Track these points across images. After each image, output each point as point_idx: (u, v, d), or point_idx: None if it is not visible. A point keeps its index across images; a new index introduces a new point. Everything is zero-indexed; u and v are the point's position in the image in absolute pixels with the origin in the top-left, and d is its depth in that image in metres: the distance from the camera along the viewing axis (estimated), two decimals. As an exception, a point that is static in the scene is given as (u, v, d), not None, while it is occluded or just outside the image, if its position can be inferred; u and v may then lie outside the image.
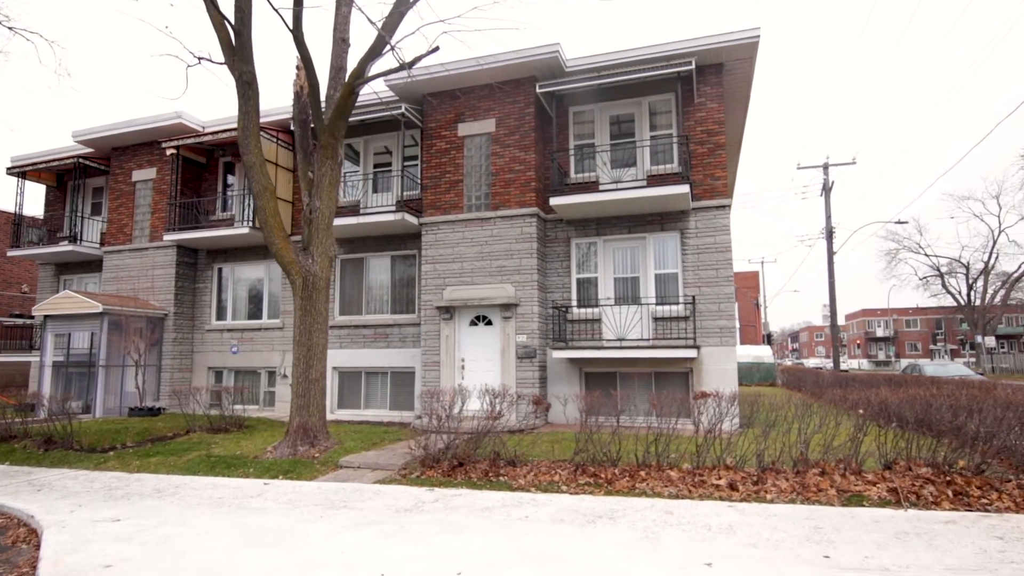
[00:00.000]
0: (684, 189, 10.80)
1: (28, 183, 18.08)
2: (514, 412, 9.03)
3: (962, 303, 44.05)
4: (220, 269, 15.80)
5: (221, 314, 15.68)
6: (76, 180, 16.88)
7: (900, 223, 28.93)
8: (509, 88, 12.38)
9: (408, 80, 11.79)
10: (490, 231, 12.23)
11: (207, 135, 14.47)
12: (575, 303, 12.34)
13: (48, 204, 18.45)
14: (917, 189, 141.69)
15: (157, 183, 15.69)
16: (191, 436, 10.31)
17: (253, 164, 9.10)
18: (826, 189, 25.45)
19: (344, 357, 13.80)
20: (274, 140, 14.22)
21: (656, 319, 11.51)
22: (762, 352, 29.39)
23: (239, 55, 8.79)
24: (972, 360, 46.89)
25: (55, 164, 16.72)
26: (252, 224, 14.15)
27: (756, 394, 7.69)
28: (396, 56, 8.77)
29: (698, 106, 11.87)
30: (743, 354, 26.57)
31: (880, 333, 75.12)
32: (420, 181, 13.46)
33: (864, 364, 70.72)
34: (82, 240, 16.69)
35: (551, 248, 12.59)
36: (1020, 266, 41.34)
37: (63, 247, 16.20)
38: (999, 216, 40.43)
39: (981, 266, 42.17)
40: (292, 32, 8.79)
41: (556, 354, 11.49)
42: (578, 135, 12.93)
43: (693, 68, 11.13)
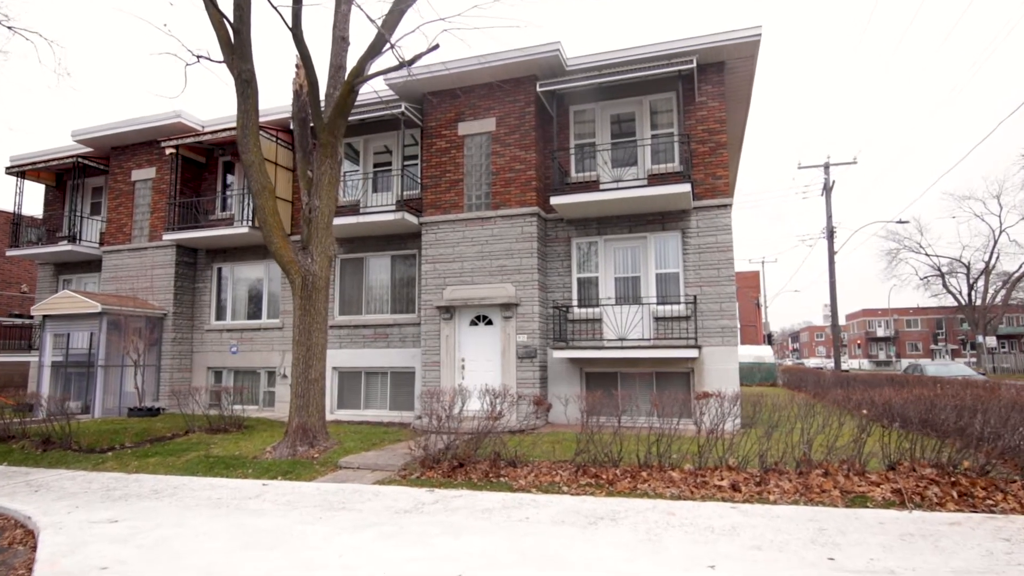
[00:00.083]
0: (685, 188, 10.75)
1: (27, 183, 18.04)
2: (514, 412, 8.98)
3: (963, 303, 43.98)
4: (219, 269, 15.75)
5: (220, 314, 15.64)
6: (75, 180, 16.84)
7: (901, 223, 28.86)
8: (509, 87, 12.33)
9: (408, 79, 11.74)
10: (490, 230, 12.18)
11: (206, 134, 14.43)
12: (576, 303, 12.29)
13: (47, 204, 18.41)
14: (918, 189, 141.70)
15: (156, 183, 15.64)
16: (190, 436, 10.26)
17: (252, 163, 9.06)
18: (827, 189, 25.38)
19: (344, 357, 13.76)
20: (274, 139, 14.18)
21: (657, 319, 11.46)
22: (763, 352, 29.36)
23: (238, 53, 8.75)
24: (973, 360, 46.85)
25: (54, 164, 16.68)
26: (251, 224, 14.10)
27: (759, 394, 7.63)
28: (396, 54, 8.73)
29: (699, 105, 11.82)
30: (744, 354, 26.50)
31: (881, 333, 75.06)
32: (420, 180, 13.41)
33: (865, 364, 70.66)
34: (81, 240, 16.65)
35: (552, 247, 12.54)
36: (1021, 266, 41.30)
37: (62, 247, 16.16)
38: (1000, 216, 40.39)
39: (982, 266, 42.13)
40: (291, 30, 8.75)
41: (557, 354, 11.44)
42: (579, 134, 12.88)
43: (694, 67, 11.08)
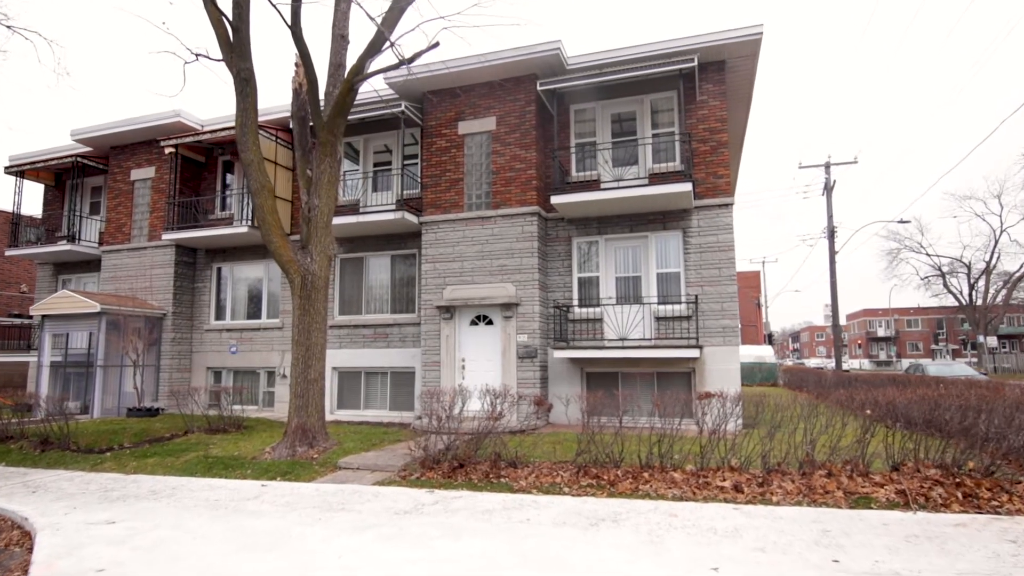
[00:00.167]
0: (686, 187, 10.70)
1: (27, 182, 17.99)
2: (515, 413, 8.93)
3: (964, 303, 43.90)
4: (219, 268, 15.70)
5: (220, 314, 15.59)
6: (74, 179, 16.79)
7: (902, 222, 28.76)
8: (510, 86, 12.28)
9: (408, 78, 11.69)
10: (491, 230, 12.13)
11: (206, 134, 14.39)
12: (576, 302, 12.24)
13: (46, 203, 18.36)
14: (919, 189, 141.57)
15: (156, 182, 15.59)
16: (189, 437, 10.21)
17: (251, 162, 9.01)
18: (828, 188, 25.31)
19: (343, 357, 13.71)
20: (273, 138, 14.13)
21: (658, 319, 11.41)
22: (764, 352, 29.32)
23: (237, 52, 8.70)
24: (974, 360, 46.76)
25: (53, 163, 16.64)
26: (251, 223, 14.05)
27: (761, 394, 7.58)
28: (396, 53, 8.69)
29: (700, 104, 11.77)
30: (745, 354, 26.46)
31: (881, 333, 74.99)
32: (420, 180, 13.36)
33: (865, 364, 70.63)
34: (80, 239, 16.60)
35: (552, 247, 12.49)
36: (1022, 266, 41.20)
37: (61, 246, 16.12)
38: (1001, 216, 40.30)
39: (983, 266, 42.04)
40: (291, 28, 8.70)
41: (557, 354, 11.39)
42: (579, 133, 12.83)
43: (695, 66, 11.03)
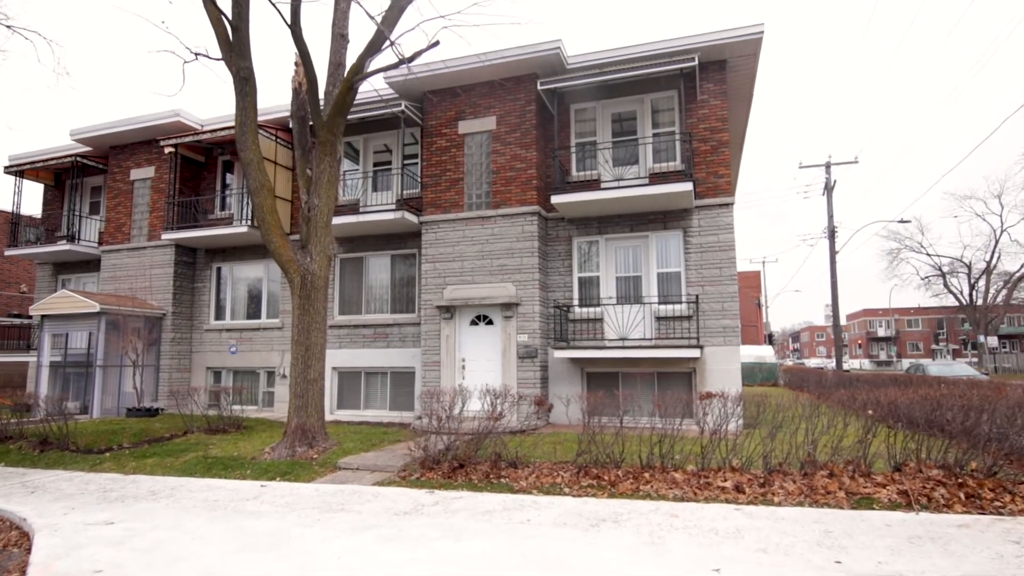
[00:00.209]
0: (687, 187, 10.67)
1: (26, 182, 17.98)
2: (515, 413, 8.90)
3: (964, 303, 43.86)
4: (219, 268, 15.68)
5: (220, 314, 15.57)
6: (74, 179, 16.78)
7: (903, 222, 28.73)
8: (510, 85, 12.25)
9: (408, 77, 11.68)
10: (491, 230, 12.11)
11: (205, 133, 14.36)
12: (577, 302, 12.21)
13: (46, 203, 18.34)
14: (919, 188, 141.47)
15: (155, 182, 15.57)
16: (188, 437, 10.19)
17: (251, 161, 8.99)
18: (828, 188, 25.29)
19: (343, 357, 13.68)
20: (273, 138, 14.11)
21: (659, 318, 11.38)
22: (764, 352, 29.29)
23: (236, 51, 8.68)
24: (974, 360, 46.73)
25: (53, 163, 16.61)
26: (251, 223, 14.03)
27: (762, 394, 7.56)
28: (396, 52, 8.65)
29: (701, 103, 11.74)
30: (745, 354, 26.42)
31: (881, 333, 74.96)
32: (420, 179, 13.34)
33: (865, 364, 70.59)
34: (80, 239, 16.58)
35: (552, 247, 12.46)
36: (1022, 266, 41.17)
37: (61, 246, 16.09)
38: (1001, 216, 40.27)
39: (983, 266, 42.01)
40: (290, 27, 8.67)
41: (558, 354, 11.36)
42: (580, 133, 12.81)
43: (696, 65, 11.00)
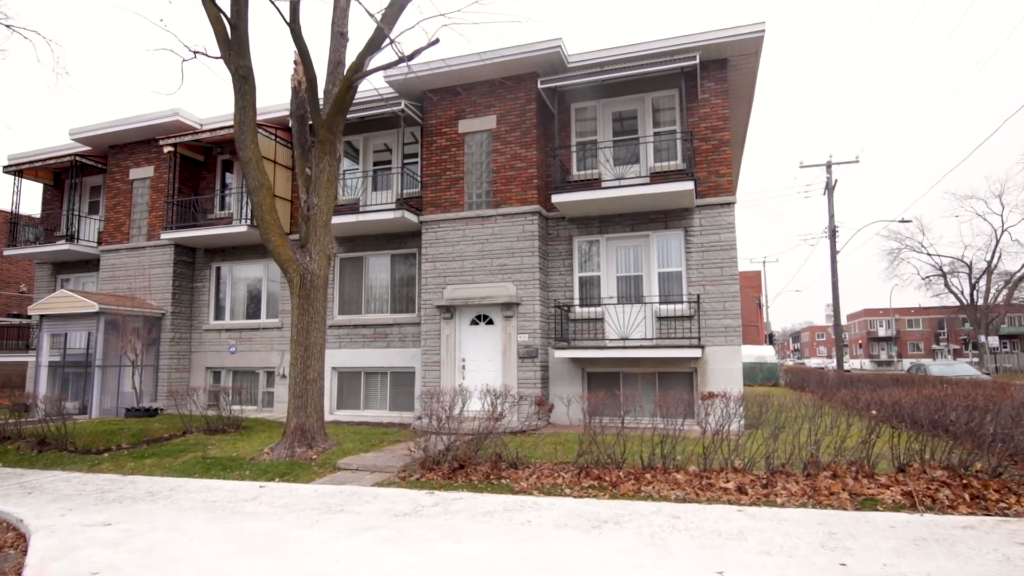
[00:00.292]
0: (688, 186, 10.63)
1: (25, 182, 17.94)
2: (516, 413, 8.85)
3: (965, 303, 43.81)
4: (218, 268, 15.63)
5: (219, 314, 15.52)
6: (73, 178, 16.73)
7: (904, 222, 28.70)
8: (510, 84, 12.21)
9: (408, 76, 11.63)
10: (491, 229, 12.06)
11: (205, 132, 14.32)
12: (577, 302, 12.16)
13: (45, 203, 18.30)
14: (920, 188, 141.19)
15: (155, 181, 15.52)
16: (187, 437, 10.14)
17: (250, 160, 8.95)
18: (829, 188, 25.23)
19: (343, 357, 13.64)
20: (272, 137, 14.06)
21: (660, 318, 11.34)
22: (765, 352, 29.24)
23: (235, 49, 8.63)
24: (975, 360, 46.66)
25: (52, 162, 16.57)
26: (250, 222, 13.98)
27: (765, 394, 7.51)
28: (395, 50, 8.60)
29: (702, 102, 11.69)
30: (746, 354, 26.36)
31: (882, 333, 74.89)
32: (420, 179, 13.29)
33: (866, 364, 70.51)
34: (79, 239, 16.53)
35: (553, 246, 12.42)
36: (1023, 266, 41.17)
37: (60, 246, 16.05)
38: (1002, 215, 40.25)
39: (984, 265, 42.00)
40: (289, 25, 8.63)
41: (558, 354, 11.32)
42: (580, 132, 12.76)
43: (697, 63, 10.95)
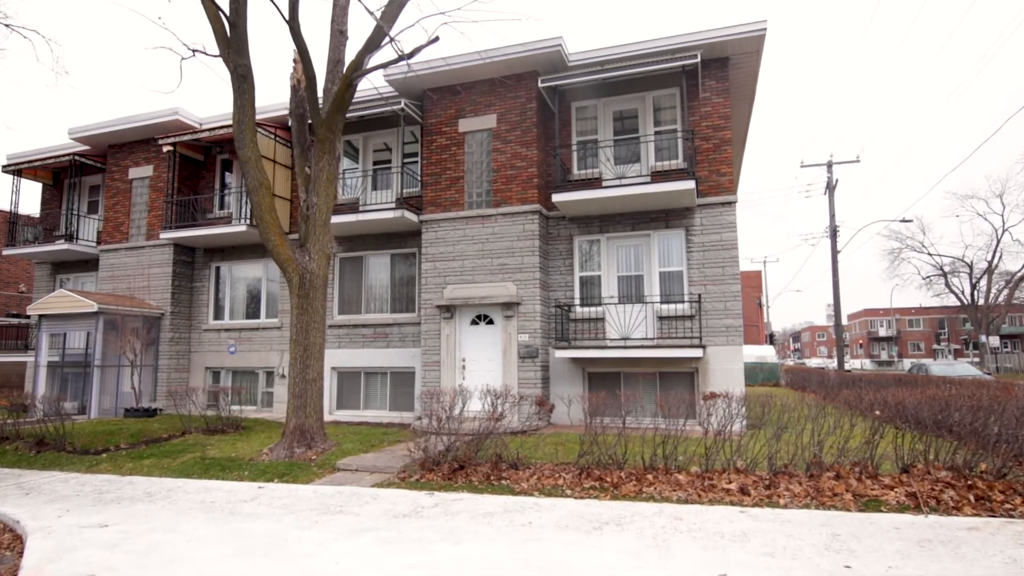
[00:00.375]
0: (689, 185, 10.58)
1: (24, 181, 17.90)
2: (516, 413, 8.81)
3: (965, 303, 43.74)
4: (218, 268, 15.59)
5: (219, 313, 15.48)
6: (72, 178, 16.69)
7: (905, 221, 28.69)
8: (511, 83, 12.16)
9: (408, 75, 11.59)
10: (491, 228, 12.01)
11: (204, 132, 14.27)
12: (578, 302, 12.12)
13: (44, 202, 18.25)
14: (921, 187, 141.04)
15: (154, 181, 15.48)
16: (186, 438, 10.10)
17: (249, 159, 8.90)
18: (830, 187, 25.19)
19: (343, 357, 13.59)
20: (272, 136, 14.02)
21: (661, 318, 11.29)
22: (765, 352, 29.19)
23: (234, 48, 8.59)
24: (976, 360, 46.60)
25: (51, 162, 16.52)
26: (250, 222, 13.94)
27: (767, 394, 7.47)
28: (395, 48, 8.55)
29: (703, 101, 11.65)
30: (747, 354, 26.25)
31: (883, 333, 74.83)
32: (420, 178, 13.25)
33: (866, 364, 70.45)
34: (78, 239, 16.49)
35: (553, 246, 12.37)
36: (1024, 266, 41.10)
37: (59, 246, 16.00)
38: (1003, 215, 40.19)
39: (985, 265, 41.93)
40: (288, 23, 8.58)
41: (559, 354, 11.27)
42: (581, 131, 12.71)
43: (698, 62, 10.90)
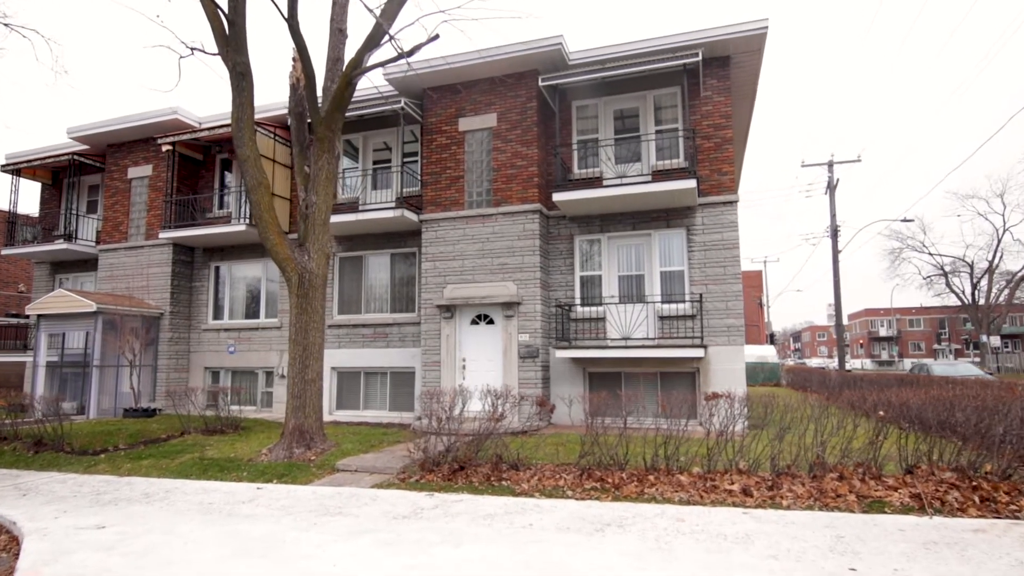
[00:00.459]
0: (691, 184, 10.53)
1: (23, 181, 17.86)
2: (517, 413, 8.76)
3: (966, 303, 43.69)
4: (217, 268, 15.54)
5: (218, 313, 15.43)
6: (71, 177, 16.65)
7: (906, 221, 28.70)
8: (511, 82, 12.11)
9: (407, 73, 11.54)
10: (492, 228, 11.96)
11: (203, 131, 14.21)
12: (579, 301, 12.07)
13: (43, 202, 18.20)
14: (922, 187, 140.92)
15: (153, 180, 15.43)
16: (185, 438, 10.05)
17: (247, 158, 8.86)
18: (831, 187, 25.13)
19: (343, 357, 13.54)
20: (271, 136, 13.97)
21: (662, 318, 11.24)
22: (766, 352, 29.13)
23: (233, 45, 8.54)
24: (977, 360, 46.55)
25: (50, 161, 16.48)
26: (249, 221, 13.89)
27: (770, 395, 7.42)
28: (395, 46, 8.50)
29: (704, 100, 11.60)
30: (747, 354, 26.14)
31: (883, 333, 74.79)
32: (420, 177, 13.20)
33: (867, 364, 70.38)
34: (77, 238, 16.44)
35: (554, 245, 12.32)
36: (1025, 265, 41.04)
37: (58, 245, 15.96)
38: (1003, 215, 40.20)
39: (985, 265, 41.89)
40: (287, 21, 8.53)
41: (559, 354, 11.22)
42: (581, 130, 12.66)
43: (699, 61, 10.85)
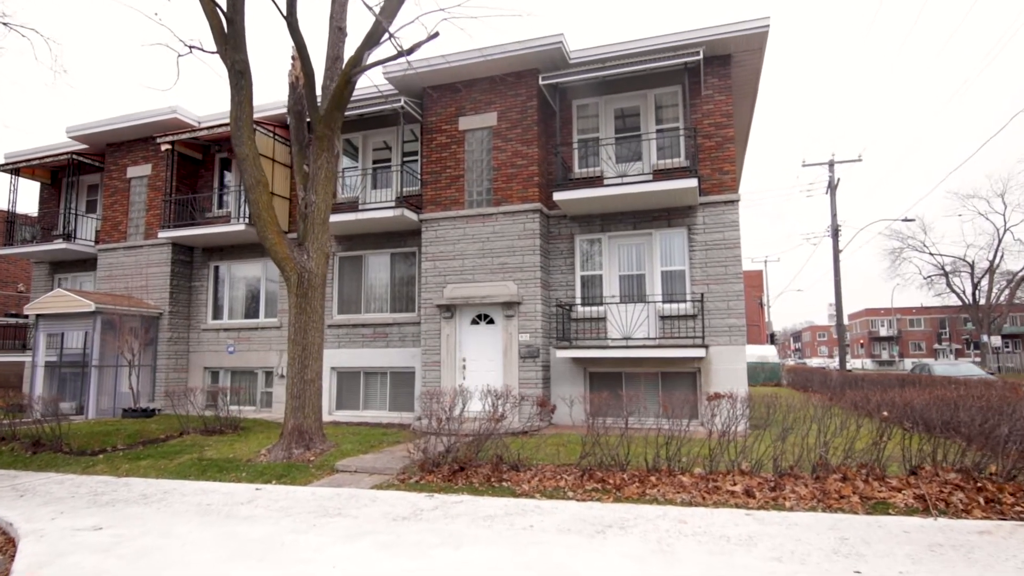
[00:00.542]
0: (692, 183, 10.48)
1: (22, 180, 17.79)
2: (517, 414, 8.71)
3: (967, 302, 43.62)
4: (216, 267, 15.49)
5: (217, 313, 15.38)
6: (70, 177, 16.60)
7: (907, 221, 28.69)
8: (511, 80, 12.07)
9: (407, 72, 11.49)
10: (492, 227, 11.92)
11: (203, 130, 14.17)
12: (579, 301, 12.02)
13: (42, 201, 18.16)
14: (923, 186, 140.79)
15: (152, 179, 15.38)
16: (184, 438, 10.01)
17: (246, 156, 8.81)
18: (832, 187, 25.08)
19: (342, 357, 13.49)
20: (270, 135, 13.92)
21: (663, 317, 11.19)
22: (767, 352, 29.05)
23: (231, 44, 8.49)
24: (977, 360, 46.50)
25: (49, 161, 16.42)
26: (248, 221, 13.83)
27: (772, 395, 7.37)
28: (394, 44, 8.45)
29: (705, 98, 11.55)
30: (748, 354, 26.05)
31: (884, 333, 74.74)
32: (420, 177, 13.15)
33: (867, 364, 70.30)
34: (76, 238, 16.40)
35: (554, 245, 12.27)
36: (1026, 265, 40.97)
37: (57, 245, 15.91)
38: (1004, 215, 40.11)
39: (986, 265, 41.81)
40: (286, 19, 8.48)
41: (560, 353, 11.17)
42: (582, 129, 12.61)
43: (700, 59, 10.80)
